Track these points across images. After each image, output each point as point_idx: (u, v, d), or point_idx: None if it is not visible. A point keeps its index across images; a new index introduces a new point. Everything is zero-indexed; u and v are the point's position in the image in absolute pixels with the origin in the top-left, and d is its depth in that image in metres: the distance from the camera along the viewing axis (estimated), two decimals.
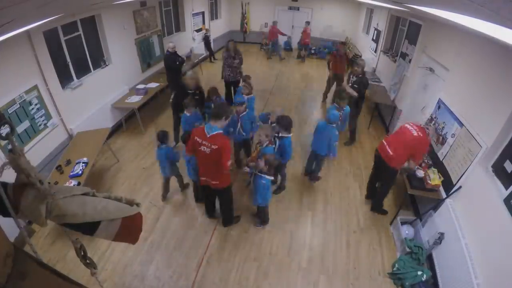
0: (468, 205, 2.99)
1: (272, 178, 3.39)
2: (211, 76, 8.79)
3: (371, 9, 9.77)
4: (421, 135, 3.39)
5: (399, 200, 4.23)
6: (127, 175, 4.69)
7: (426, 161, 3.84)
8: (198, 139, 2.94)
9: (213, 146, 2.86)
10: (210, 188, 3.30)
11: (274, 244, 3.58)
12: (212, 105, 4.61)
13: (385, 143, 3.72)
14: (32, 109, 3.91)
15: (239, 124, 4.24)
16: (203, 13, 10.42)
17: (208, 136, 2.86)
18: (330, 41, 12.32)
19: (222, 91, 5.99)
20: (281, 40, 12.16)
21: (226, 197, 3.48)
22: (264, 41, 12.14)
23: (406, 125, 3.62)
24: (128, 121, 6.21)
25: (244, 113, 4.23)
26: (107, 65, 5.62)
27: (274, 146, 3.74)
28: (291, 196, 4.36)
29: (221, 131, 2.93)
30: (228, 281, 3.13)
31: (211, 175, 3.15)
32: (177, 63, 6.12)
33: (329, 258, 3.44)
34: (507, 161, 2.61)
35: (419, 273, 3.03)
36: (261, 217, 3.77)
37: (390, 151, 3.58)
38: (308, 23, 11.36)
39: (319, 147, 4.21)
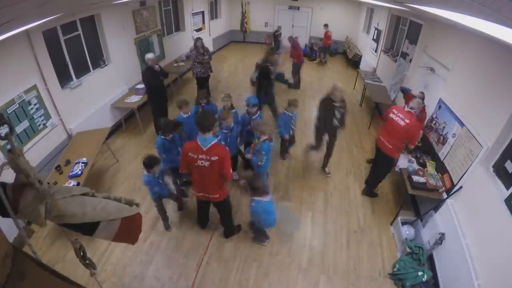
0: (469, 205, 2.98)
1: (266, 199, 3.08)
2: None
3: (371, 9, 9.76)
4: (409, 121, 3.47)
5: (399, 200, 4.22)
6: (126, 175, 4.68)
7: (426, 160, 3.84)
8: (193, 155, 2.74)
9: (212, 158, 2.71)
10: (207, 202, 3.25)
11: (274, 244, 3.57)
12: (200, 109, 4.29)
13: (382, 138, 3.87)
14: (31, 109, 3.90)
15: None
16: (203, 12, 10.42)
17: (205, 149, 2.71)
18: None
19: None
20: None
21: (226, 208, 3.37)
22: (265, 41, 12.07)
23: (391, 115, 3.70)
24: (128, 121, 6.20)
25: (257, 115, 4.11)
26: (106, 65, 5.61)
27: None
28: (291, 196, 4.36)
29: (216, 140, 2.79)
30: (228, 281, 3.13)
31: (210, 189, 3.02)
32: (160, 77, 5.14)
33: (330, 258, 3.43)
34: (508, 161, 2.61)
35: (420, 273, 3.03)
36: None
37: (388, 144, 3.75)
38: (326, 26, 10.94)
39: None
